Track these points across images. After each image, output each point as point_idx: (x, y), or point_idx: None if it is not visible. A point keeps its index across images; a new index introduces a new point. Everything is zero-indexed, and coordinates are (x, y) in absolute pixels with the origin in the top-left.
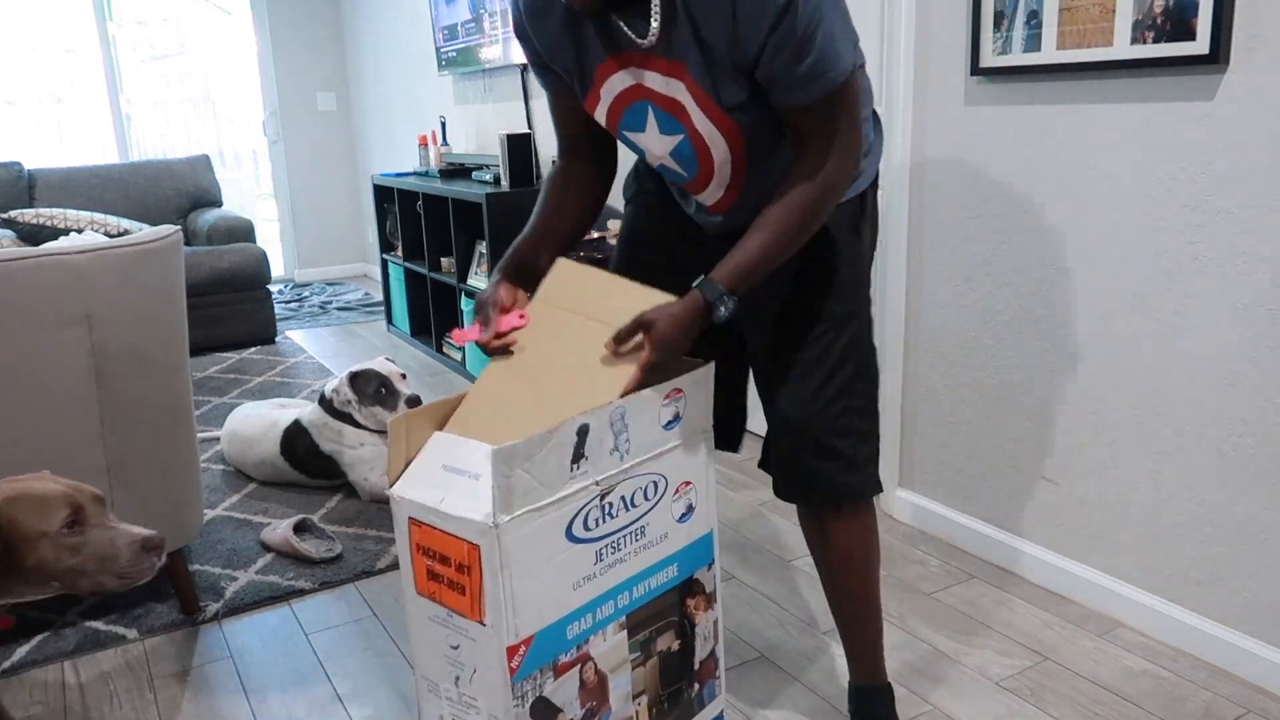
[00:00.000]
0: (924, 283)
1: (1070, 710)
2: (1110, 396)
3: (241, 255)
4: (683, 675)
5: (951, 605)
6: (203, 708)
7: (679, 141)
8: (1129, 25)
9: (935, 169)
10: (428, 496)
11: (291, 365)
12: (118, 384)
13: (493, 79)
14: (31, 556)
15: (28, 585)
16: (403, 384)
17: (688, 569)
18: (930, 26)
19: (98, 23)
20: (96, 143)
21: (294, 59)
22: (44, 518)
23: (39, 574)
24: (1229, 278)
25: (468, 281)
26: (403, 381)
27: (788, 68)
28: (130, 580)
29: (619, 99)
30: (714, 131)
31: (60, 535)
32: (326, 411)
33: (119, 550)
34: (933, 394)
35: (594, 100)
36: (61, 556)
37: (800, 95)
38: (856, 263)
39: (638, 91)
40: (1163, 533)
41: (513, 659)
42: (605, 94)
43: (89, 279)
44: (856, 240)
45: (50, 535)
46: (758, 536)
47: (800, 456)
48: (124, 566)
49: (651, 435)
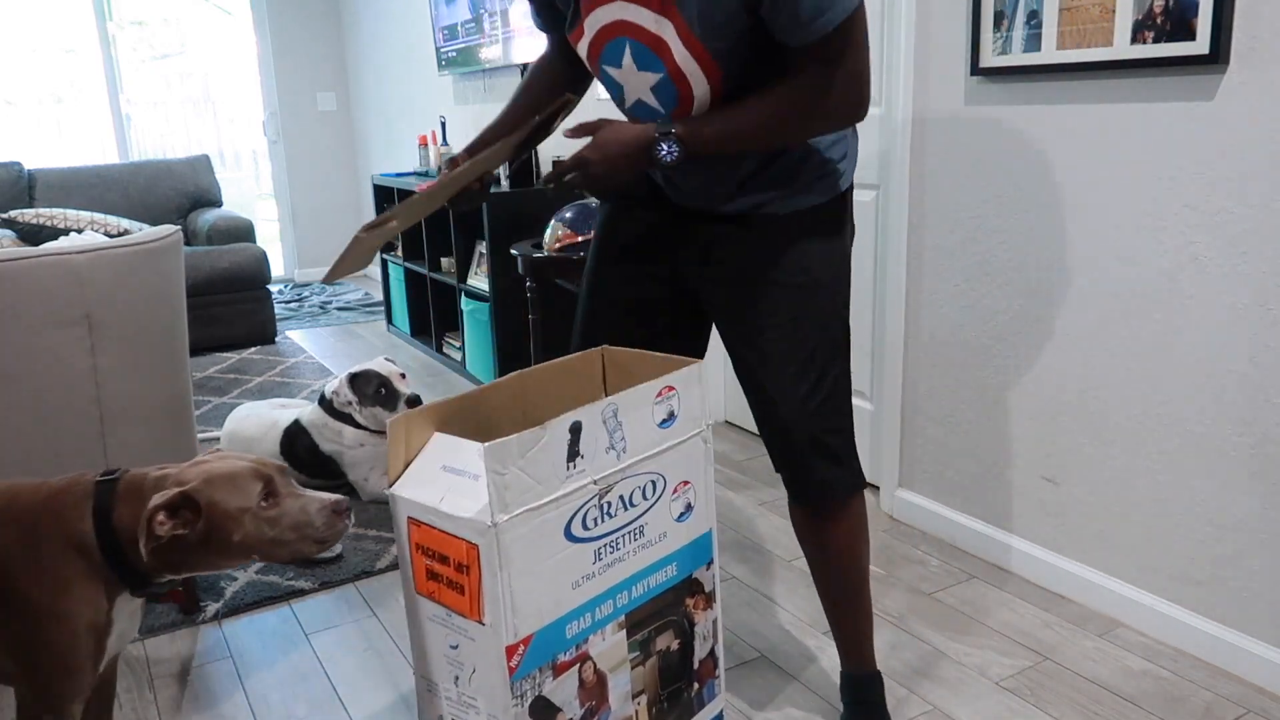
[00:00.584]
0: (924, 283)
1: (1070, 710)
2: (1110, 397)
3: (241, 255)
4: (682, 675)
5: (951, 605)
6: (203, 708)
7: (659, 79)
8: (1129, 25)
9: (935, 169)
10: (427, 496)
11: (291, 365)
12: (118, 384)
13: (493, 79)
14: (238, 533)
15: (228, 559)
16: (402, 384)
17: (687, 568)
18: (930, 26)
19: (98, 23)
20: (96, 143)
21: (294, 59)
22: (242, 494)
23: (242, 549)
24: (1229, 278)
25: (468, 281)
26: (402, 381)
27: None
28: (326, 545)
29: (601, 33)
30: (696, 69)
31: (260, 509)
32: (327, 412)
33: (312, 516)
34: (933, 394)
35: (579, 34)
36: (263, 529)
37: (802, 34)
38: (841, 263)
39: (620, 27)
40: (1163, 533)
41: (512, 658)
42: (589, 27)
43: (89, 279)
44: (839, 240)
45: (251, 510)
46: (758, 536)
47: (804, 459)
48: (320, 531)
49: (647, 433)
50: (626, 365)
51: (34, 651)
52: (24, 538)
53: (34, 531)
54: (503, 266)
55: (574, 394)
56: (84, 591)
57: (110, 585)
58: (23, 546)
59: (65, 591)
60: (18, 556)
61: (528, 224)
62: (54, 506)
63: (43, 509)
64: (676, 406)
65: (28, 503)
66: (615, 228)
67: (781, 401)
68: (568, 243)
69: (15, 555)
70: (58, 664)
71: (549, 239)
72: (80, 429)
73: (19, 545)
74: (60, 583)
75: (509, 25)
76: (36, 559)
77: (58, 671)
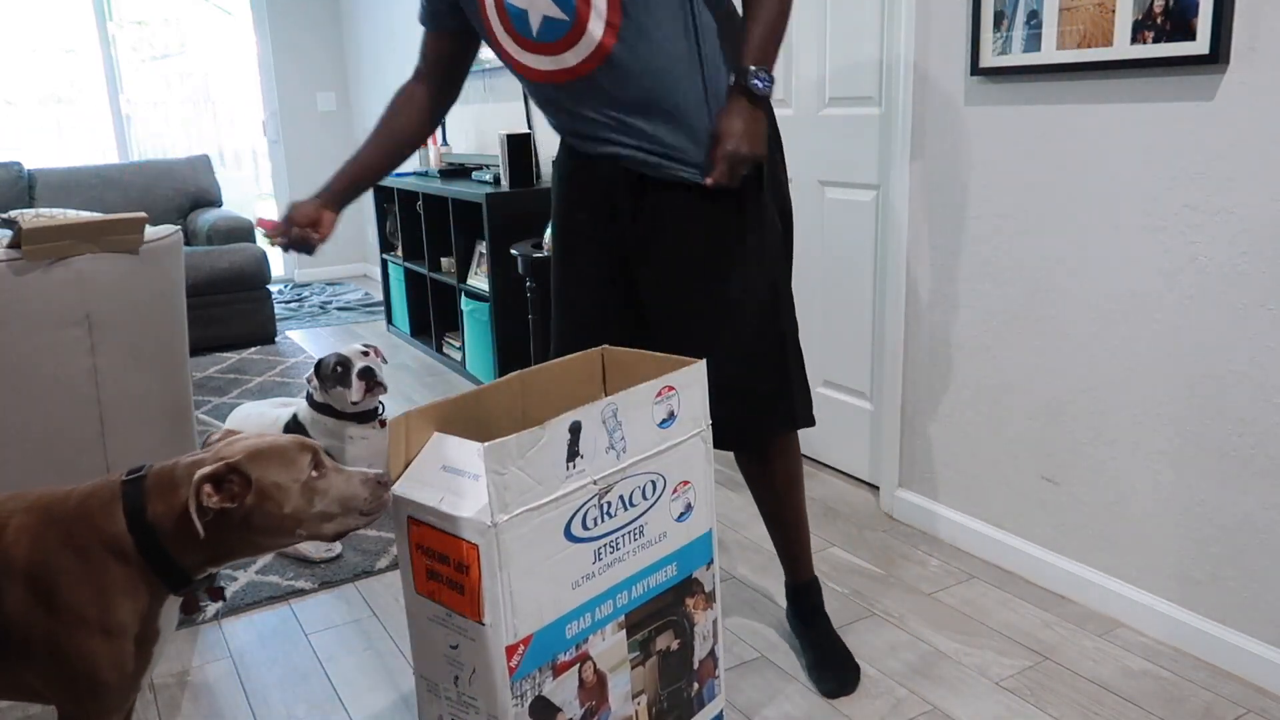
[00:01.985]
0: (924, 283)
1: (1070, 710)
2: (1110, 396)
3: (241, 255)
4: (682, 675)
5: (951, 605)
6: (203, 708)
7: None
8: (1129, 25)
9: (935, 169)
10: (427, 496)
11: (291, 365)
12: (118, 384)
13: (493, 79)
14: (288, 505)
15: (275, 536)
16: (362, 359)
17: (686, 568)
18: (930, 26)
19: (98, 23)
20: (96, 143)
21: (294, 59)
22: (293, 466)
23: (291, 522)
24: (1229, 278)
25: (468, 281)
26: (364, 358)
27: None
28: (371, 517)
29: None
30: None
31: (311, 480)
32: (313, 408)
33: (357, 489)
34: (933, 394)
35: None
36: (313, 501)
37: None
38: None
39: None
40: (1163, 533)
41: (512, 658)
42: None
43: (89, 279)
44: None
45: (304, 481)
46: (758, 536)
47: (752, 409)
48: (367, 504)
49: (647, 433)
50: (627, 365)
51: (79, 669)
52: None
53: (69, 542)
54: (503, 266)
55: (574, 394)
56: (129, 602)
57: (154, 590)
58: (60, 559)
59: (109, 605)
60: (56, 570)
61: (528, 224)
62: (84, 513)
63: (75, 517)
64: (676, 406)
65: (59, 513)
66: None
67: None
68: None
69: (54, 569)
70: (104, 681)
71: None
72: (80, 429)
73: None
74: (103, 595)
75: None
76: (75, 571)
77: (104, 689)
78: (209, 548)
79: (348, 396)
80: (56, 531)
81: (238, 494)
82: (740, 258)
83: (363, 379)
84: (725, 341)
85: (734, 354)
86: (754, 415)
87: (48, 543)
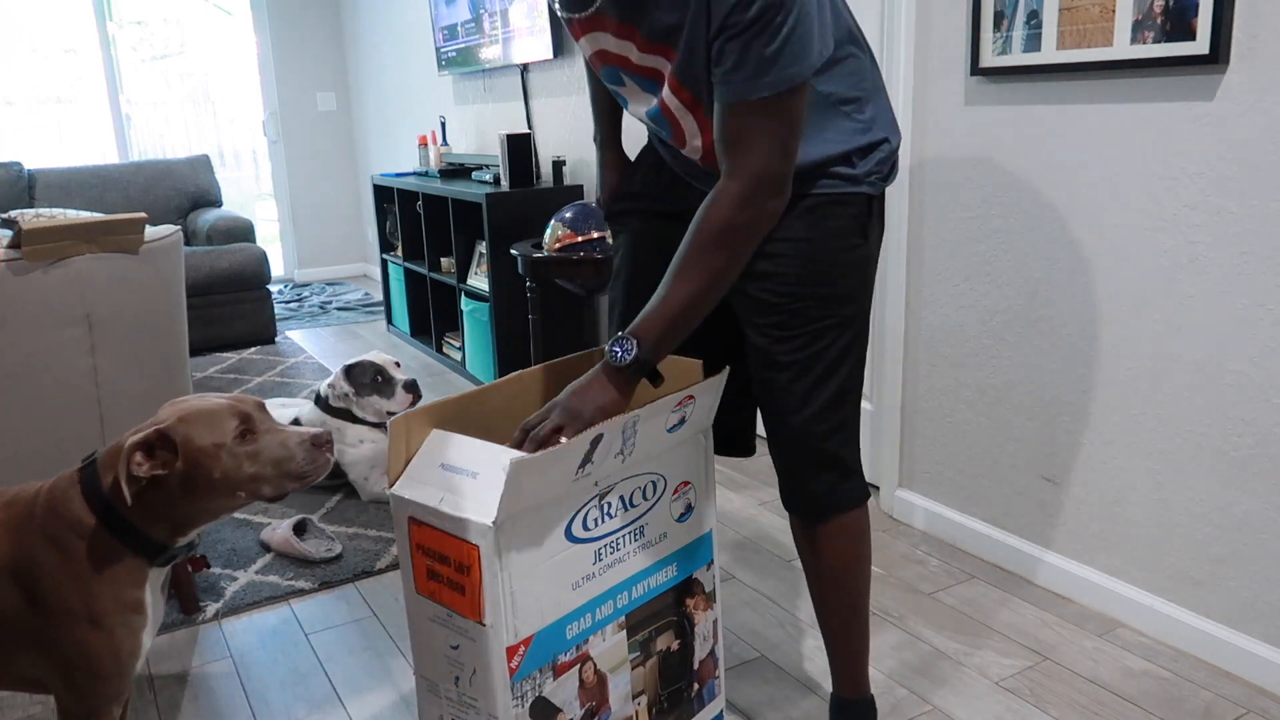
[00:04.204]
0: (924, 283)
1: (1070, 710)
2: (1110, 396)
3: (241, 255)
4: (682, 675)
5: (951, 605)
6: (203, 708)
7: (655, 105)
8: (1129, 25)
9: (935, 169)
10: (427, 496)
11: (291, 365)
12: (118, 384)
13: (493, 79)
14: (216, 469)
15: (218, 500)
16: (398, 371)
17: (687, 569)
18: (930, 26)
19: (98, 23)
20: (96, 143)
21: (294, 59)
22: (217, 429)
23: (226, 486)
24: (1229, 278)
25: (468, 281)
26: (398, 369)
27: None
28: (309, 479)
29: (597, 56)
30: (679, 105)
31: (236, 444)
32: (323, 410)
33: (292, 451)
34: (933, 394)
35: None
36: (242, 465)
37: (742, 88)
38: (864, 266)
39: (612, 58)
40: (1163, 533)
41: (512, 659)
42: (584, 47)
43: (89, 279)
44: (864, 243)
45: (226, 445)
46: (758, 536)
47: (803, 467)
48: (301, 465)
49: (657, 440)
50: None
51: (72, 660)
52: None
53: (44, 535)
54: (503, 266)
55: None
56: (109, 587)
57: (133, 568)
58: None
59: (91, 593)
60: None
61: (528, 224)
62: (51, 504)
63: (45, 510)
64: (689, 414)
65: (32, 508)
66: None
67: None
68: (568, 243)
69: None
70: (98, 668)
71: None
72: (80, 429)
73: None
74: (82, 582)
75: (509, 25)
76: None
77: (99, 677)
78: (164, 515)
79: (383, 405)
80: (32, 526)
81: (169, 460)
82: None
83: (409, 391)
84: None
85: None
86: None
87: (25, 538)
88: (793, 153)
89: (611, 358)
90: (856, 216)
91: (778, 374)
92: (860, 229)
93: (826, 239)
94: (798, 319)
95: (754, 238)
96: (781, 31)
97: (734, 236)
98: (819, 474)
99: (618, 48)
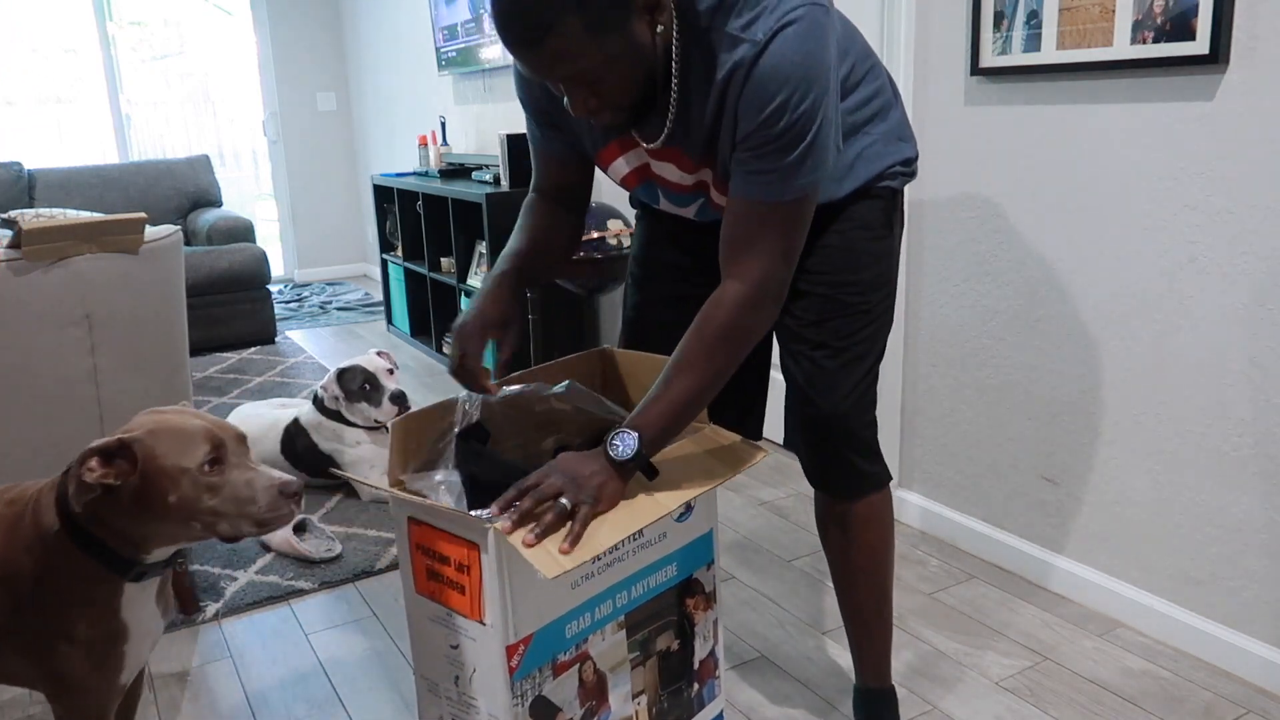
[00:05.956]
0: (924, 283)
1: (1070, 710)
2: (1110, 397)
3: (241, 255)
4: (682, 675)
5: (951, 605)
6: (203, 708)
7: (698, 205)
8: (1129, 25)
9: (935, 169)
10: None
11: (291, 365)
12: (118, 384)
13: (493, 79)
14: (174, 493)
15: (171, 526)
16: (389, 379)
17: (687, 568)
18: (930, 26)
19: (98, 23)
20: (96, 143)
21: (294, 59)
22: (185, 453)
23: (180, 513)
24: (1229, 278)
25: (467, 281)
26: (389, 377)
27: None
28: (268, 526)
29: (633, 175)
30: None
31: (200, 473)
32: (320, 411)
33: (255, 494)
34: (933, 394)
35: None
36: (201, 496)
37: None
38: (890, 256)
39: (651, 174)
40: (1163, 533)
41: (512, 658)
42: (615, 172)
43: (89, 279)
44: (889, 234)
45: (190, 472)
46: (758, 536)
47: (841, 450)
48: (262, 511)
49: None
50: (627, 366)
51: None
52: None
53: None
54: None
55: None
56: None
57: (107, 584)
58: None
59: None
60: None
61: None
62: (35, 510)
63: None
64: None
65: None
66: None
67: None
68: None
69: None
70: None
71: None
72: (80, 429)
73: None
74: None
75: None
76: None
77: (77, 692)
78: (117, 529)
79: (370, 414)
80: (21, 529)
81: (125, 471)
82: None
83: (395, 403)
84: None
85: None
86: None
87: (15, 541)
88: (795, 260)
89: (612, 450)
90: (884, 209)
91: (814, 352)
92: (886, 220)
93: (857, 229)
94: (833, 305)
95: (754, 340)
96: (802, 144)
97: (736, 339)
98: (854, 453)
99: (678, 177)
